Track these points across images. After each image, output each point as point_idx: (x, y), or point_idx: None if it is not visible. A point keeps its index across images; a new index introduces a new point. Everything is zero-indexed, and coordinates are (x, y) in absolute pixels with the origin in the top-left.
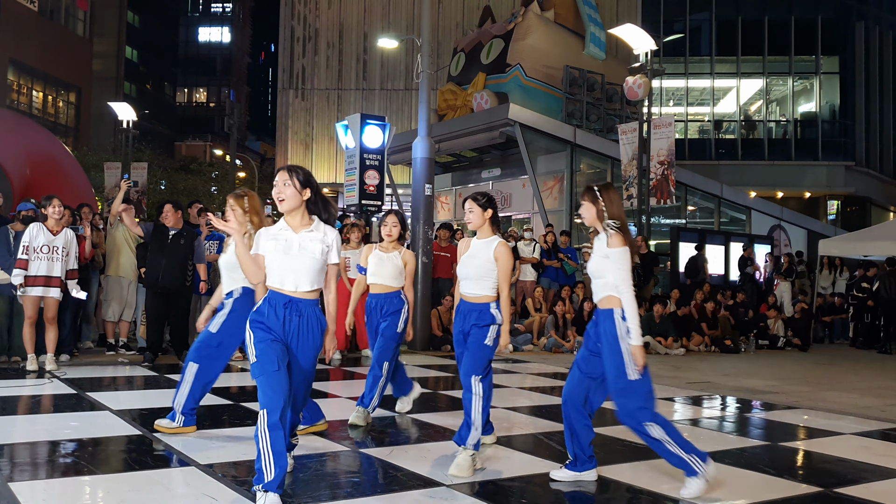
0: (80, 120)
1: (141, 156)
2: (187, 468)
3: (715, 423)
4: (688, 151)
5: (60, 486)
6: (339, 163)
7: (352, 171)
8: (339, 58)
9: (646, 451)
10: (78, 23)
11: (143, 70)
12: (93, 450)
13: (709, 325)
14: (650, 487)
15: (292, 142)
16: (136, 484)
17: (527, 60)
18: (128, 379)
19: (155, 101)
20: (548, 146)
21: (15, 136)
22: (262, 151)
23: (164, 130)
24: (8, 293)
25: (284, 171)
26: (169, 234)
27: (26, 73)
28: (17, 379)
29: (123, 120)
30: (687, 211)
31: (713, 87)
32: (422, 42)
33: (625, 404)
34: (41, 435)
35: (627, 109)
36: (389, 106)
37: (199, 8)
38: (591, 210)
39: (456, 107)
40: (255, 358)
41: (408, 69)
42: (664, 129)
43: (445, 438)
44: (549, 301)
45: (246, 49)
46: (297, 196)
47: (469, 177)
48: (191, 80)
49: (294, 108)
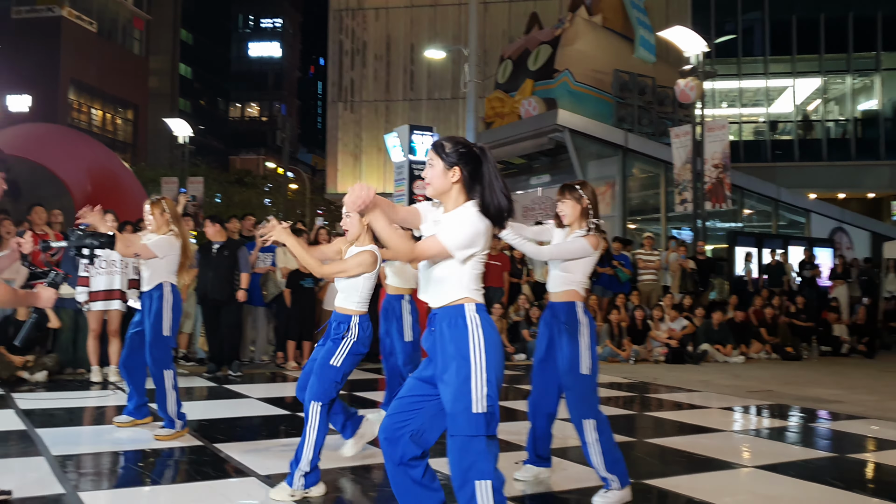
0: (137, 136)
1: (197, 170)
2: (247, 479)
3: (777, 433)
4: (743, 153)
5: (124, 496)
6: (388, 173)
7: (401, 181)
8: (386, 69)
9: (706, 463)
10: (134, 42)
11: (197, 86)
12: (155, 460)
13: (768, 332)
14: (710, 499)
15: (342, 153)
16: (196, 494)
17: (575, 66)
18: (187, 390)
19: (209, 116)
20: (598, 151)
21: (77, 153)
22: (313, 163)
23: (219, 145)
24: (72, 307)
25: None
26: (213, 248)
27: (86, 92)
28: (82, 390)
29: (179, 136)
30: (743, 214)
31: (767, 87)
32: (469, 52)
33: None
34: (106, 445)
35: (680, 112)
36: (437, 115)
37: (250, 24)
38: (575, 208)
39: (503, 114)
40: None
41: (455, 78)
42: (718, 131)
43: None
44: (602, 309)
45: (296, 63)
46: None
47: (518, 184)
48: (243, 95)
49: (343, 120)
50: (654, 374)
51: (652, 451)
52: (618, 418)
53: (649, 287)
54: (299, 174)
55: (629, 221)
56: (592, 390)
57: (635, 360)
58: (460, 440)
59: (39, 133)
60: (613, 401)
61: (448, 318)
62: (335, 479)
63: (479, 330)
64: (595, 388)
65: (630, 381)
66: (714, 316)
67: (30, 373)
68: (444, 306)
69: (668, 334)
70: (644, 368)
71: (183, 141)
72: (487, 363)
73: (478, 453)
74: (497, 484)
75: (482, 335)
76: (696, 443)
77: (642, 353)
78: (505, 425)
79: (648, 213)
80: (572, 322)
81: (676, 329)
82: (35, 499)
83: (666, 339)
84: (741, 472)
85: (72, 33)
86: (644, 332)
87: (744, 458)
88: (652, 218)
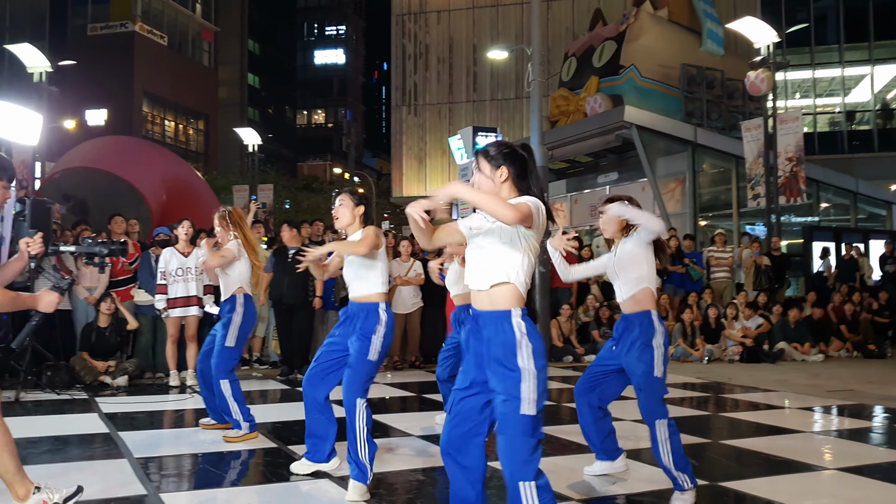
0: (208, 146)
1: (266, 177)
2: (320, 480)
3: (860, 434)
4: (818, 145)
5: (204, 497)
6: (453, 175)
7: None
8: (449, 72)
9: (785, 465)
10: (203, 54)
11: (265, 95)
12: (232, 462)
13: (849, 329)
14: (790, 503)
15: (406, 157)
16: (273, 495)
17: (641, 61)
18: (261, 393)
19: (277, 124)
20: (667, 147)
21: (152, 164)
22: (379, 167)
23: (287, 152)
24: (151, 313)
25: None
26: (288, 253)
27: (159, 104)
28: (161, 394)
29: (249, 144)
30: (820, 208)
31: (843, 76)
32: (532, 50)
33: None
34: (185, 447)
35: (750, 105)
36: (500, 116)
37: (315, 32)
38: (615, 223)
39: (568, 112)
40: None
41: (518, 78)
42: (791, 123)
43: (573, 452)
44: (674, 308)
45: (360, 69)
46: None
47: (584, 182)
48: (309, 103)
49: (407, 124)
50: (728, 374)
51: (728, 453)
52: (692, 419)
53: (722, 285)
54: (365, 179)
55: (700, 218)
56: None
57: (709, 360)
58: (509, 440)
59: (116, 146)
60: (687, 401)
61: (495, 323)
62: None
63: (527, 336)
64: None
65: (704, 381)
66: (791, 313)
67: (112, 377)
68: (490, 311)
69: (742, 333)
70: (718, 368)
71: (252, 149)
72: (537, 367)
73: (526, 454)
74: (542, 483)
75: (530, 341)
76: (774, 444)
77: (716, 353)
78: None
79: (720, 210)
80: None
81: (751, 327)
82: (119, 499)
83: (740, 338)
84: (822, 474)
85: (144, 47)
86: (717, 331)
87: (825, 460)
88: (723, 214)
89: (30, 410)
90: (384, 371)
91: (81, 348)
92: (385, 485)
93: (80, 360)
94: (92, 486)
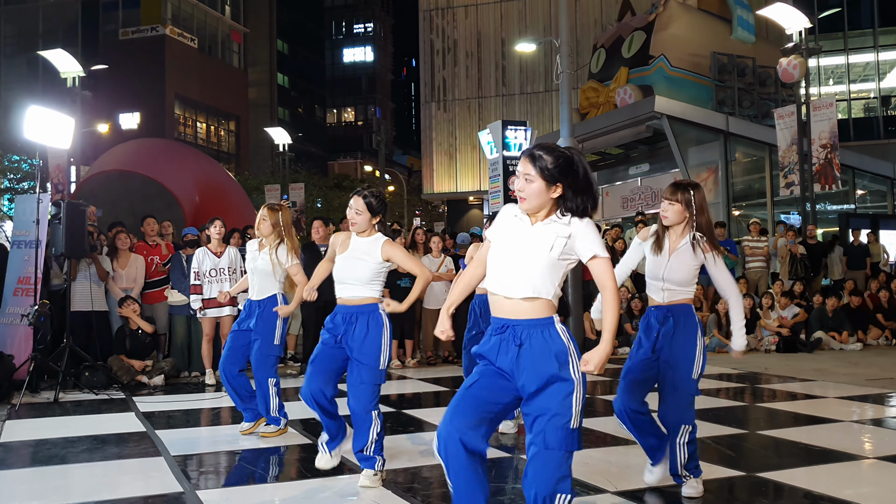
0: (240, 146)
1: (297, 176)
2: (356, 475)
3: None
4: (852, 132)
5: (240, 494)
6: (483, 170)
7: (496, 178)
8: (477, 66)
9: (824, 455)
10: (233, 55)
11: (295, 94)
12: (267, 458)
13: (885, 317)
14: (830, 493)
15: (437, 153)
16: (308, 491)
17: (671, 50)
18: (295, 389)
19: (307, 123)
20: (699, 137)
21: (185, 166)
22: (409, 164)
23: (317, 151)
24: (186, 313)
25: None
26: (320, 250)
27: (190, 107)
28: (198, 392)
29: (279, 144)
30: (856, 195)
31: (878, 60)
32: (560, 42)
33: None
34: (222, 445)
35: (783, 92)
36: (530, 109)
37: (343, 30)
38: (682, 214)
39: (598, 104)
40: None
41: (547, 71)
42: (825, 109)
43: (607, 444)
44: (709, 299)
45: (388, 66)
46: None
47: (616, 174)
48: (339, 101)
49: (437, 120)
50: (765, 364)
51: (766, 443)
52: (728, 410)
53: (757, 274)
54: (396, 176)
55: (733, 207)
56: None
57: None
58: (556, 454)
59: (149, 148)
60: (724, 392)
61: (540, 331)
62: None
63: (573, 343)
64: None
65: (740, 371)
66: (828, 302)
67: (148, 377)
68: (531, 318)
69: (778, 322)
70: (754, 358)
71: (283, 149)
72: (583, 379)
73: (567, 468)
74: (574, 495)
75: (576, 350)
76: (812, 434)
77: (752, 343)
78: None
79: (753, 199)
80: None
81: (787, 317)
82: (157, 497)
83: (776, 327)
84: (863, 463)
85: (175, 50)
86: (753, 321)
87: (865, 450)
88: (757, 203)
89: (69, 410)
90: (416, 367)
91: (116, 351)
92: (420, 479)
93: (117, 361)
94: (130, 484)
